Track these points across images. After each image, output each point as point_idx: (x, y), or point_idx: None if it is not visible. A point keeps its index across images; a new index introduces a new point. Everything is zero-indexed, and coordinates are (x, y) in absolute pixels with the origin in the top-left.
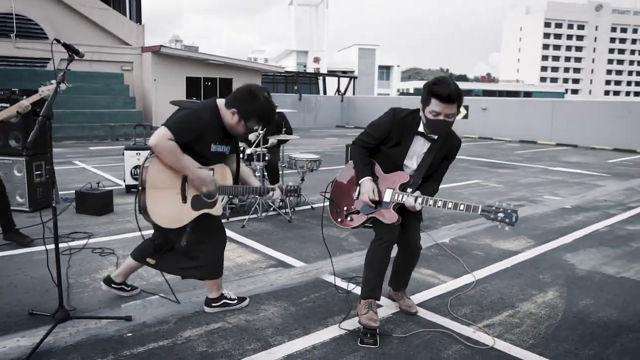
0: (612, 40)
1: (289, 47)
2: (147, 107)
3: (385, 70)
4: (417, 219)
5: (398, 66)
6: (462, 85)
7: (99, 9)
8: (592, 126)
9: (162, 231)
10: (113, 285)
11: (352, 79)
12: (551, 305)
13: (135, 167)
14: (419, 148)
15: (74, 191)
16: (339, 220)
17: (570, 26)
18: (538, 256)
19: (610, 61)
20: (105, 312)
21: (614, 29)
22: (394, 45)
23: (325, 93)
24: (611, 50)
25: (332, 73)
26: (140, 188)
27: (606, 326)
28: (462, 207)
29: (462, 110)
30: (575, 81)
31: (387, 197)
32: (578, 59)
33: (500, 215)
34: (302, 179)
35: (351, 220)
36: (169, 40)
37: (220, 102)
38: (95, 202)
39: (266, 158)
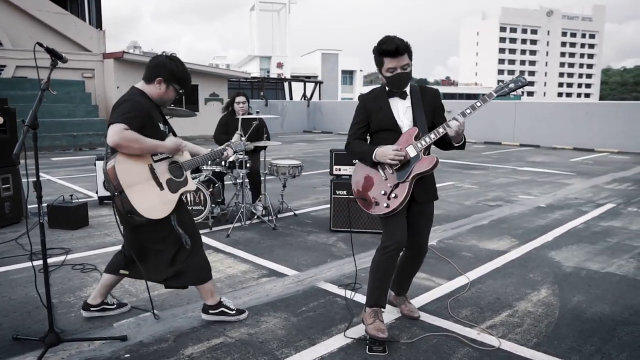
0: (563, 44)
1: (251, 53)
2: None
3: (349, 75)
4: (430, 216)
5: (361, 71)
6: None
7: (57, 13)
8: (552, 127)
9: (147, 237)
10: (92, 309)
11: (318, 84)
12: (547, 303)
13: None
14: (398, 106)
15: (44, 205)
16: (385, 205)
17: (524, 31)
18: (524, 255)
19: (562, 64)
20: (97, 332)
21: (564, 34)
22: (356, 51)
23: (291, 98)
24: (562, 54)
25: (297, 78)
26: (116, 194)
27: (601, 321)
28: (478, 104)
29: None
30: (531, 84)
31: (412, 152)
32: (532, 62)
33: (512, 85)
34: (284, 185)
35: (396, 196)
36: (127, 47)
37: (140, 84)
38: (70, 216)
39: (247, 165)
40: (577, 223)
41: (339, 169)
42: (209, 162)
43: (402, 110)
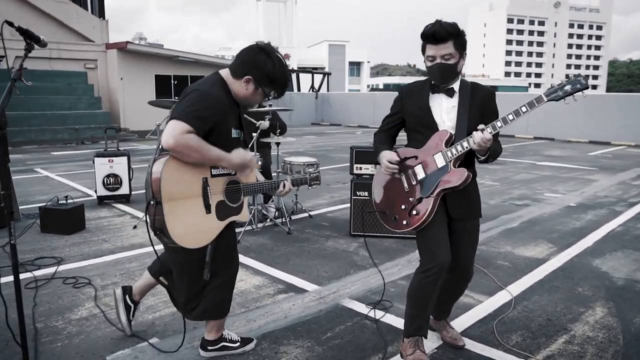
0: (571, 35)
1: None
2: (114, 107)
3: (356, 66)
4: (474, 235)
5: (368, 62)
6: None
7: (58, 2)
8: (567, 119)
9: (177, 260)
10: (128, 298)
11: (326, 76)
12: (606, 326)
13: (108, 176)
14: (442, 103)
15: (37, 205)
16: (404, 222)
17: (532, 22)
18: (567, 264)
19: (569, 56)
20: None
21: (571, 25)
22: (362, 42)
23: (299, 90)
24: (570, 46)
25: (305, 69)
26: (152, 202)
27: None
28: (524, 109)
29: None
30: (538, 75)
31: (440, 162)
32: (540, 54)
33: (568, 87)
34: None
35: (418, 213)
36: (132, 38)
37: (225, 73)
38: (64, 219)
39: (259, 162)
40: (614, 225)
41: (360, 168)
42: (269, 191)
43: (445, 110)
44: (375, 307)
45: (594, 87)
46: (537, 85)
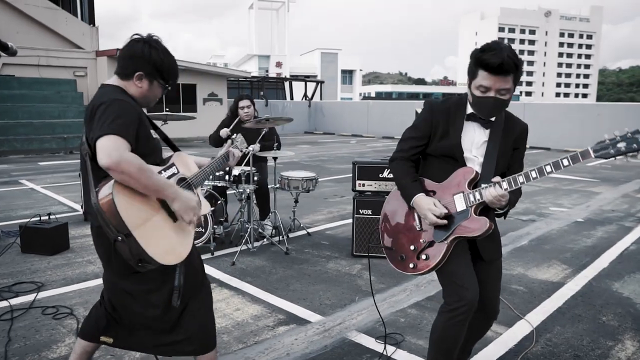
0: (561, 44)
1: (250, 52)
2: None
3: (348, 74)
4: (499, 270)
5: (360, 70)
6: (421, 89)
7: (46, 8)
8: (562, 129)
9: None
10: None
11: (319, 84)
12: None
13: None
14: (475, 136)
15: (19, 222)
16: (411, 266)
17: (523, 31)
18: (585, 289)
19: (560, 64)
20: None
21: (562, 34)
22: (354, 50)
23: (292, 98)
24: (560, 54)
25: (297, 78)
26: (119, 238)
27: None
28: (565, 162)
29: None
30: (529, 84)
31: (460, 205)
32: (531, 63)
33: (622, 146)
34: (296, 201)
35: (427, 258)
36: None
37: (114, 81)
38: (46, 239)
39: (255, 179)
40: (627, 243)
41: (363, 184)
42: (216, 172)
43: (477, 142)
44: (386, 340)
45: (584, 95)
46: (528, 94)
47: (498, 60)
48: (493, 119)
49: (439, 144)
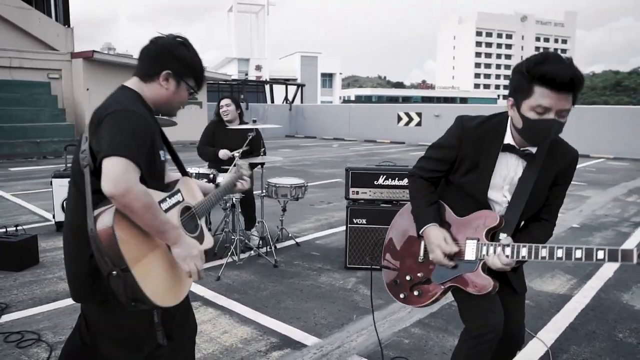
0: (537, 48)
1: (229, 55)
2: (80, 120)
3: (328, 78)
4: (521, 305)
5: (340, 74)
6: (400, 92)
7: (18, 8)
8: None
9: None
10: None
11: (300, 87)
12: None
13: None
14: (509, 171)
15: None
16: (402, 296)
17: (500, 35)
18: (595, 302)
19: None
20: None
21: (538, 39)
22: (334, 53)
23: (272, 102)
24: None
25: (278, 81)
26: (114, 273)
27: None
28: (600, 254)
29: (415, 117)
30: (506, 87)
31: (469, 254)
32: (508, 66)
33: None
34: (284, 209)
35: (419, 295)
36: (101, 48)
37: (133, 83)
38: (13, 253)
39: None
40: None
41: (357, 192)
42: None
43: (507, 178)
44: None
45: None
46: (506, 97)
47: (568, 74)
48: (534, 149)
49: (464, 179)
